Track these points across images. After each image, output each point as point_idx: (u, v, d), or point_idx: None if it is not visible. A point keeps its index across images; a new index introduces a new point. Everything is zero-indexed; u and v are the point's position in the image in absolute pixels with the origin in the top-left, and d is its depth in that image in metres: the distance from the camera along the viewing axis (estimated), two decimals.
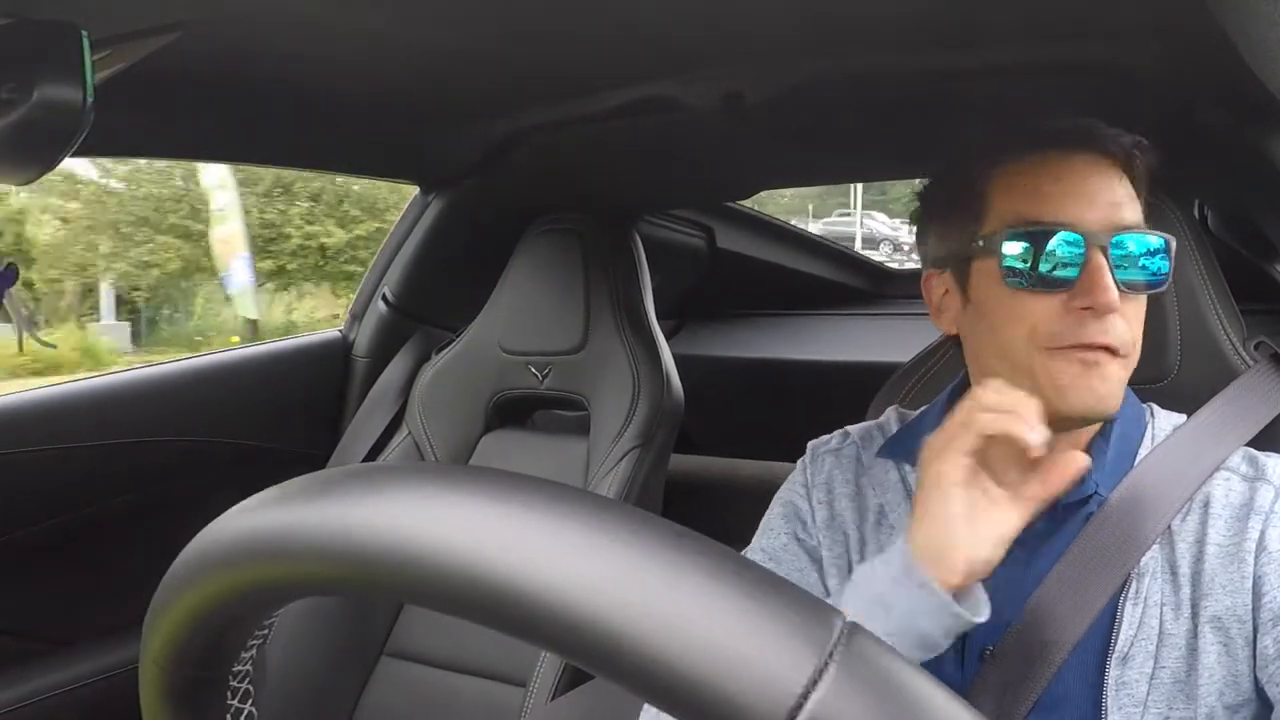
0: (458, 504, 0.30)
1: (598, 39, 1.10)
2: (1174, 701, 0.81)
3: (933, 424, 0.97)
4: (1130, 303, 0.84)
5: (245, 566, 0.34)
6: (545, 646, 0.28)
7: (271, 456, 1.80)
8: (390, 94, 1.35)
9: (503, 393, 1.74)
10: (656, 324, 1.70)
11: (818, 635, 0.26)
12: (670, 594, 0.27)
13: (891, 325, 2.28)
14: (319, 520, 0.32)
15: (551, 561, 0.28)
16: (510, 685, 1.52)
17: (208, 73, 1.16)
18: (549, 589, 0.27)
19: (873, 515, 0.97)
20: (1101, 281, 0.81)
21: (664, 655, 0.26)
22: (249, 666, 0.40)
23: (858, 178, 4.05)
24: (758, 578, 0.28)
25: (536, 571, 0.28)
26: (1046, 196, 0.84)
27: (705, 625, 0.26)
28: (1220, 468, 0.87)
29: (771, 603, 0.27)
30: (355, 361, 1.95)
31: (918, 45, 1.08)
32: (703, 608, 0.26)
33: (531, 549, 0.28)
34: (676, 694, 0.26)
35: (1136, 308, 0.85)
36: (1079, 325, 0.82)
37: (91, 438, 1.57)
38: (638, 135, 1.44)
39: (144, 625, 0.38)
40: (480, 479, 0.31)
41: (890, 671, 0.26)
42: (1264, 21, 0.86)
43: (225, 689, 0.40)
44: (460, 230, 1.88)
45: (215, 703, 0.40)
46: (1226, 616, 0.81)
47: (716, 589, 0.27)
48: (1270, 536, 0.81)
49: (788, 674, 0.25)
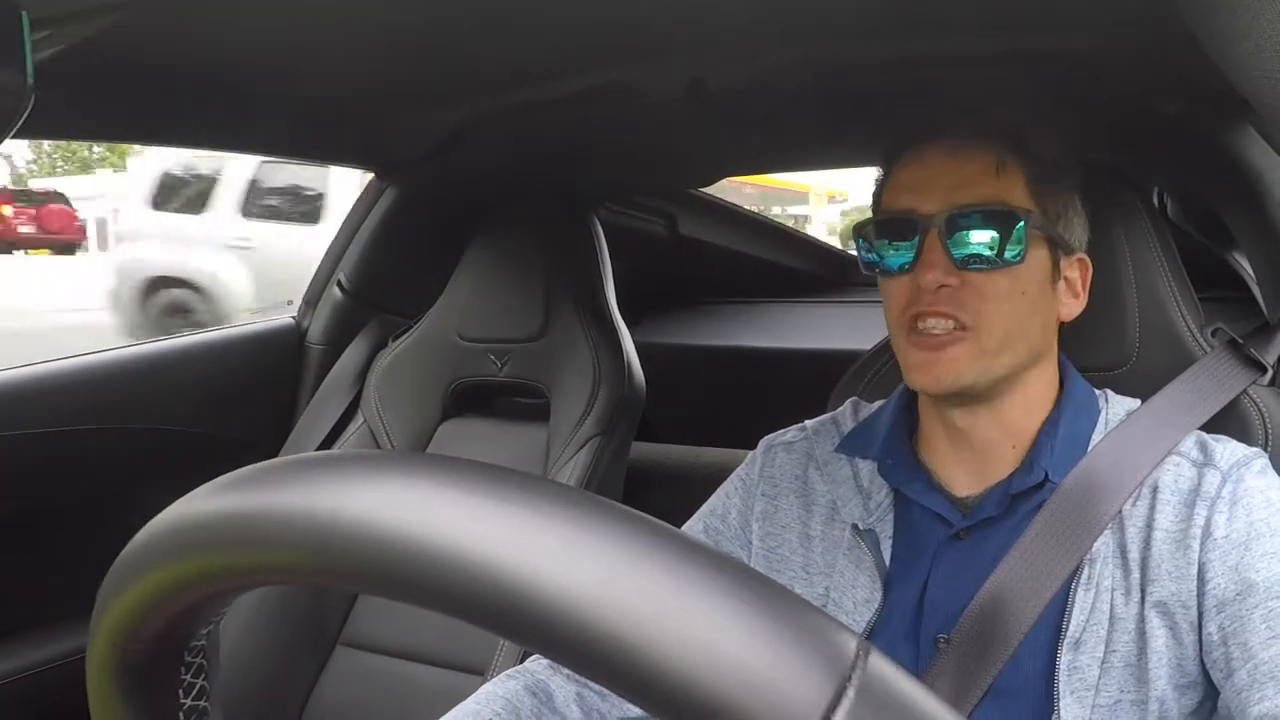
0: (452, 502, 0.29)
1: (558, 25, 1.09)
2: (1125, 684, 0.82)
3: (890, 418, 0.98)
4: (982, 276, 0.86)
5: (220, 548, 0.33)
6: (560, 659, 0.28)
7: (221, 445, 1.77)
8: (344, 78, 1.32)
9: (461, 380, 1.72)
10: (617, 312, 1.69)
11: (835, 658, 0.26)
12: (688, 611, 0.26)
13: (854, 313, 2.29)
14: (308, 504, 0.31)
15: (567, 572, 0.27)
16: (468, 674, 1.51)
17: (152, 55, 1.13)
18: (562, 600, 0.27)
19: (824, 511, 0.98)
20: (924, 259, 0.87)
21: (678, 676, 0.26)
22: (204, 641, 0.39)
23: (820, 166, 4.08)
24: (773, 595, 0.27)
25: (549, 581, 0.27)
26: (900, 187, 0.91)
27: (722, 646, 0.26)
28: (1172, 453, 0.88)
29: (788, 623, 0.26)
30: (309, 349, 1.92)
31: (880, 34, 1.08)
32: (720, 628, 0.26)
33: (545, 558, 0.28)
34: (692, 717, 0.26)
35: (993, 281, 0.87)
36: (918, 300, 0.87)
37: (36, 425, 1.53)
38: (599, 121, 1.43)
39: (99, 598, 0.36)
40: (478, 474, 0.30)
41: (905, 695, 0.26)
42: (1224, 12, 0.86)
43: (180, 664, 0.38)
44: (417, 216, 1.85)
45: (169, 678, 0.39)
46: (1172, 602, 0.82)
47: (733, 607, 0.26)
48: (1216, 523, 0.82)
49: (806, 698, 0.25)
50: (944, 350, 0.86)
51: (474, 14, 1.05)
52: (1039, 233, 0.88)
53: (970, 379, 0.87)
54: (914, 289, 0.88)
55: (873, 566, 0.92)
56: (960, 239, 0.86)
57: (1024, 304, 0.87)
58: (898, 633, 0.90)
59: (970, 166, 0.87)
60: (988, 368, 0.87)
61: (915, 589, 0.90)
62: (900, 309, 0.89)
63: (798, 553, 0.98)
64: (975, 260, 0.86)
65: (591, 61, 1.23)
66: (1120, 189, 1.04)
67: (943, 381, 0.87)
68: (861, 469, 0.98)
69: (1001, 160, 0.87)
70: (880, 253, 0.91)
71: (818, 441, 1.03)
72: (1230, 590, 0.79)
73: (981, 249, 0.85)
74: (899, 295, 0.90)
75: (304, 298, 1.98)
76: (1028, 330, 0.88)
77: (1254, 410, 0.98)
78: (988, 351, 0.86)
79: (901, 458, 0.95)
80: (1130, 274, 1.04)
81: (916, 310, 0.87)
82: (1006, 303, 0.86)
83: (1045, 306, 0.90)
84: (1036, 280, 0.88)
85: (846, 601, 0.92)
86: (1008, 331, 0.87)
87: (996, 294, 0.86)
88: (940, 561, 0.90)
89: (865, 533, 0.94)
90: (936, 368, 0.87)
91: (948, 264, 0.86)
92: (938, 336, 0.86)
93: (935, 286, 0.86)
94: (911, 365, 0.89)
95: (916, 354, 0.88)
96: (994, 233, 0.85)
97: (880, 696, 0.26)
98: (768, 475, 1.02)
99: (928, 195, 0.88)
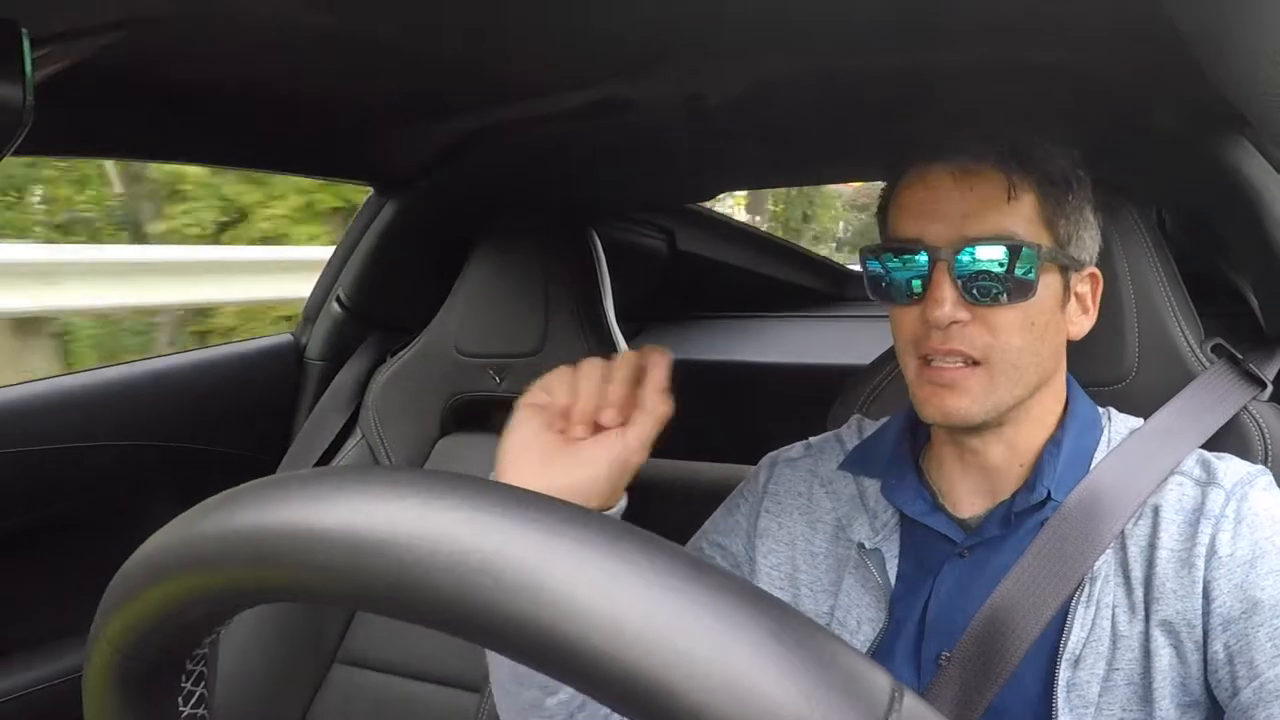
0: (470, 518, 0.29)
1: (556, 39, 1.09)
2: (1128, 703, 0.82)
3: (894, 437, 0.98)
4: (992, 311, 0.85)
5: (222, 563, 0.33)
6: (592, 694, 0.28)
7: (221, 461, 1.76)
8: (341, 94, 1.32)
9: (460, 395, 1.71)
10: (617, 326, 1.68)
11: (872, 699, 0.26)
12: (728, 655, 0.26)
13: (853, 328, 2.28)
14: (309, 521, 0.31)
15: (604, 607, 0.27)
16: (465, 691, 1.50)
17: (150, 73, 1.13)
18: (601, 635, 0.27)
19: (829, 528, 0.97)
20: (933, 295, 0.85)
21: (721, 715, 0.26)
22: (206, 650, 0.39)
23: (820, 180, 4.07)
24: (809, 635, 0.27)
25: (586, 617, 0.27)
26: (905, 212, 0.89)
27: (763, 690, 0.26)
28: (1174, 472, 0.88)
29: (825, 663, 0.26)
30: (308, 365, 1.92)
31: (878, 47, 1.08)
32: (759, 670, 0.26)
33: (583, 592, 0.27)
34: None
35: (1003, 316, 0.85)
36: (927, 336, 0.86)
37: (35, 442, 1.52)
38: (597, 136, 1.43)
39: (100, 610, 0.36)
40: (504, 498, 0.30)
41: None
42: (1221, 27, 0.86)
43: (181, 673, 0.39)
44: (415, 232, 1.85)
45: (170, 688, 0.38)
46: (1177, 621, 0.81)
47: (772, 650, 0.26)
48: (1220, 541, 0.82)
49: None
50: (955, 386, 0.85)
51: (471, 30, 1.06)
52: (1051, 263, 0.87)
53: (981, 415, 0.86)
54: (923, 322, 0.86)
55: (878, 586, 0.92)
56: (970, 273, 0.84)
57: (1034, 335, 0.86)
58: (900, 651, 0.90)
59: (979, 192, 0.85)
60: (999, 402, 0.86)
61: (918, 608, 0.90)
62: (909, 340, 0.89)
63: (802, 570, 0.97)
64: (986, 295, 0.84)
65: (590, 76, 1.23)
66: (1118, 204, 1.04)
67: (952, 417, 0.86)
68: (867, 487, 0.97)
69: (1011, 183, 0.85)
70: (887, 280, 0.89)
71: (822, 458, 1.02)
72: (1236, 609, 0.79)
73: (992, 285, 0.84)
74: (908, 327, 0.89)
75: (303, 314, 1.97)
76: (1038, 360, 0.88)
77: (1254, 426, 0.98)
78: (999, 385, 0.86)
79: (905, 478, 0.94)
80: (1129, 289, 1.04)
81: (926, 350, 0.86)
82: (1017, 336, 0.85)
83: (1055, 331, 0.89)
84: (1046, 310, 0.87)
85: (850, 620, 0.92)
86: (1018, 365, 0.86)
87: (1007, 327, 0.85)
88: (943, 580, 0.90)
89: (871, 552, 0.93)
90: (946, 403, 0.86)
91: (957, 298, 0.84)
92: (948, 372, 0.86)
93: (946, 323, 0.84)
94: (922, 399, 0.88)
95: (927, 388, 0.87)
96: (1005, 267, 0.84)
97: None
98: (772, 492, 1.02)
99: (936, 224, 0.86)
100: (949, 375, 0.85)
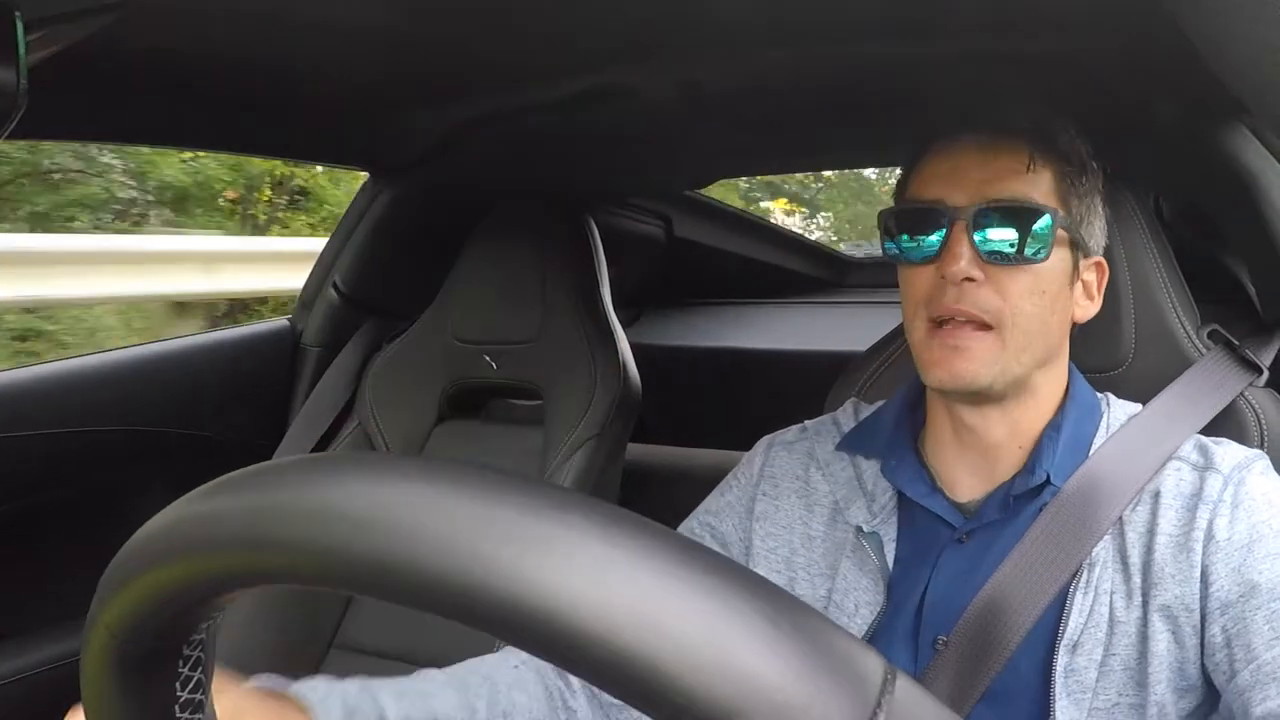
0: (472, 513, 0.29)
1: (553, 26, 1.09)
2: (1124, 688, 0.82)
3: (893, 417, 0.98)
4: (1005, 272, 0.86)
5: (218, 548, 0.33)
6: (586, 677, 0.28)
7: (218, 447, 1.76)
8: (338, 79, 1.32)
9: (457, 382, 1.71)
10: (613, 313, 1.68)
11: (865, 682, 0.26)
12: (720, 637, 0.26)
13: (851, 314, 2.28)
14: (306, 506, 0.31)
15: (596, 591, 0.27)
16: None
17: (146, 57, 1.13)
18: (594, 619, 0.27)
19: (826, 511, 0.97)
20: (951, 250, 0.86)
21: (710, 703, 0.26)
22: (204, 635, 0.39)
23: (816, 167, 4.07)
24: (802, 617, 0.28)
25: (581, 600, 0.27)
26: (929, 177, 0.90)
27: (756, 672, 0.26)
28: (1172, 458, 0.88)
29: (818, 646, 0.27)
30: (305, 351, 1.92)
31: (875, 35, 1.08)
32: (753, 653, 0.26)
33: (575, 576, 0.27)
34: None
35: (1015, 279, 0.87)
36: (941, 294, 0.86)
37: (30, 426, 1.52)
38: (594, 123, 1.43)
39: (97, 595, 0.36)
40: (497, 483, 0.30)
41: (932, 717, 0.27)
42: (1218, 15, 0.86)
43: (179, 658, 0.39)
44: (412, 218, 1.84)
45: (168, 673, 0.39)
46: (1175, 605, 0.82)
47: (766, 633, 0.27)
48: (1218, 526, 0.82)
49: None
50: (964, 348, 0.86)
51: (468, 16, 1.05)
52: (1063, 233, 0.88)
53: (988, 379, 0.87)
54: (937, 280, 0.87)
55: (876, 569, 0.92)
56: (987, 233, 0.86)
57: (1044, 303, 0.87)
58: (897, 635, 0.90)
59: (1001, 161, 0.88)
60: (1006, 367, 0.87)
61: (916, 591, 0.90)
62: (920, 301, 0.89)
63: (799, 553, 0.97)
64: (1000, 256, 0.86)
65: (586, 63, 1.23)
66: (1115, 191, 1.04)
67: (960, 379, 0.87)
68: (865, 469, 0.97)
69: (1032, 157, 0.88)
70: (904, 241, 0.90)
71: (818, 441, 1.02)
72: (1233, 592, 0.79)
73: (1007, 245, 0.86)
74: (921, 286, 0.89)
75: (299, 300, 1.97)
76: (1046, 330, 0.88)
77: (1249, 412, 0.98)
78: (1007, 351, 0.86)
79: (905, 458, 0.95)
80: (1126, 275, 1.04)
81: (938, 311, 0.87)
82: (1027, 301, 0.86)
83: (1063, 307, 0.90)
84: (1057, 280, 0.89)
85: (848, 603, 0.92)
86: (1027, 330, 0.87)
87: (1018, 291, 0.86)
88: (942, 564, 0.90)
89: (869, 535, 0.93)
90: (955, 366, 0.86)
91: (973, 256, 0.86)
92: (958, 333, 0.86)
93: (960, 278, 0.85)
94: (929, 362, 0.88)
95: (935, 351, 0.88)
96: (1021, 229, 0.86)
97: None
98: (768, 474, 1.02)
99: (958, 187, 0.88)
100: (958, 337, 0.86)
